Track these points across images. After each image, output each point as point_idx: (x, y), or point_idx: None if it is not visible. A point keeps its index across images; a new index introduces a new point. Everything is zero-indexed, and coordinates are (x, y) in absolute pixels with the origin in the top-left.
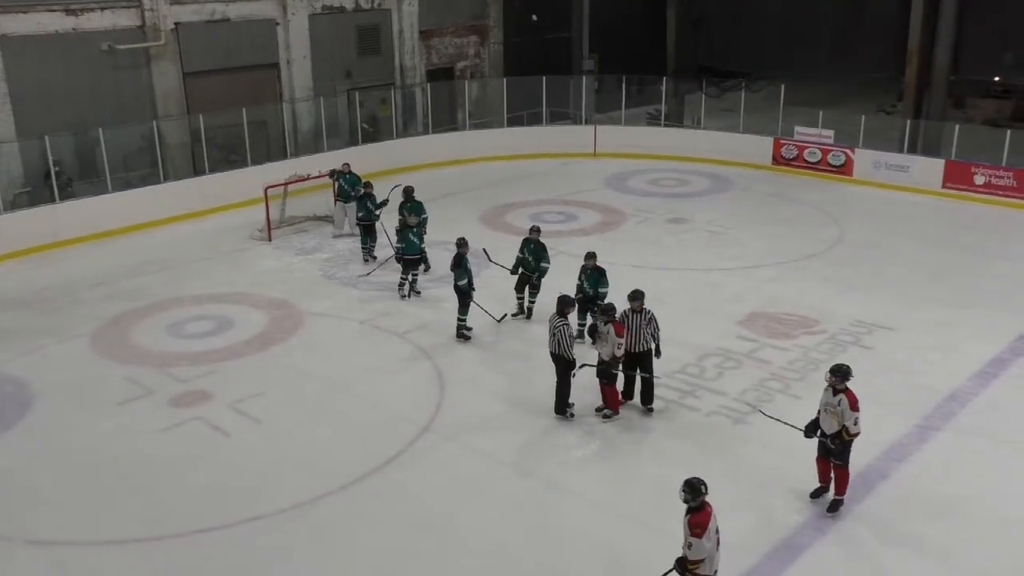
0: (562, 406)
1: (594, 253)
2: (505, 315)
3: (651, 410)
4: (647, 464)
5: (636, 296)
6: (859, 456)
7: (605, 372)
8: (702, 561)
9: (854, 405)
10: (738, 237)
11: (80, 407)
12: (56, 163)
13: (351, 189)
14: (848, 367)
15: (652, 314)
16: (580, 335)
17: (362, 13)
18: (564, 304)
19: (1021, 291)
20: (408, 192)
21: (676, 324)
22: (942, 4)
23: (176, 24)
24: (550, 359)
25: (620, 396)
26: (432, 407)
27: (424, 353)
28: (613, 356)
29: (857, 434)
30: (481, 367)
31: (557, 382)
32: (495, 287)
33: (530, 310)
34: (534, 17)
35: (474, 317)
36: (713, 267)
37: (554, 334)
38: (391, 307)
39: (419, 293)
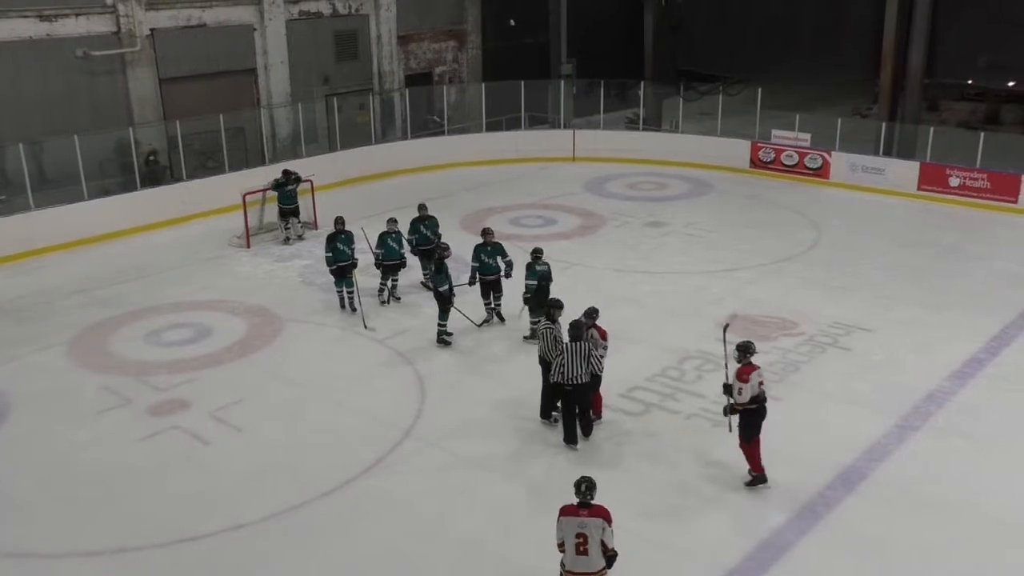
0: (547, 410)
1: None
2: (485, 320)
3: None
4: (628, 467)
5: (575, 328)
6: (839, 455)
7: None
8: (563, 549)
9: (741, 376)
10: (717, 240)
11: (57, 417)
12: (153, 152)
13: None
14: (749, 343)
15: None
16: (532, 334)
17: (340, 18)
18: (553, 308)
19: (996, 291)
20: (422, 208)
21: (655, 327)
22: (916, 8)
23: (152, 30)
24: (535, 363)
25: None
26: (413, 413)
27: (404, 359)
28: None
29: (742, 404)
30: (462, 372)
31: (543, 386)
32: (475, 291)
33: (499, 314)
34: (512, 22)
35: (453, 322)
36: (692, 270)
37: (543, 335)
38: (371, 313)
39: (399, 299)
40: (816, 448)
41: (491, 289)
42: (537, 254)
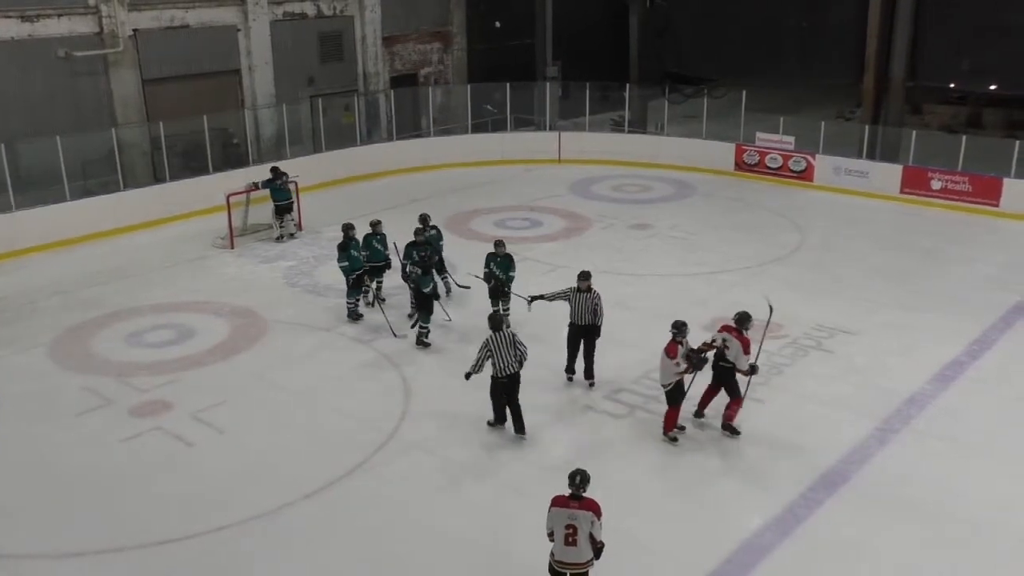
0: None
1: (502, 241)
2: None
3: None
4: (612, 468)
5: (495, 320)
6: (820, 458)
7: (671, 393)
8: (552, 538)
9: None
10: (701, 242)
11: (38, 418)
12: (233, 135)
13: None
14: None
15: (514, 332)
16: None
17: (324, 20)
18: (581, 279)
19: (977, 294)
20: (418, 233)
21: (640, 329)
22: (897, 12)
23: (135, 31)
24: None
25: (493, 421)
26: (398, 414)
27: (389, 361)
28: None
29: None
30: (446, 374)
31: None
32: (463, 295)
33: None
34: (497, 24)
35: (437, 323)
36: (676, 272)
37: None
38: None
39: (384, 300)
40: (797, 450)
41: (499, 297)
42: (500, 246)
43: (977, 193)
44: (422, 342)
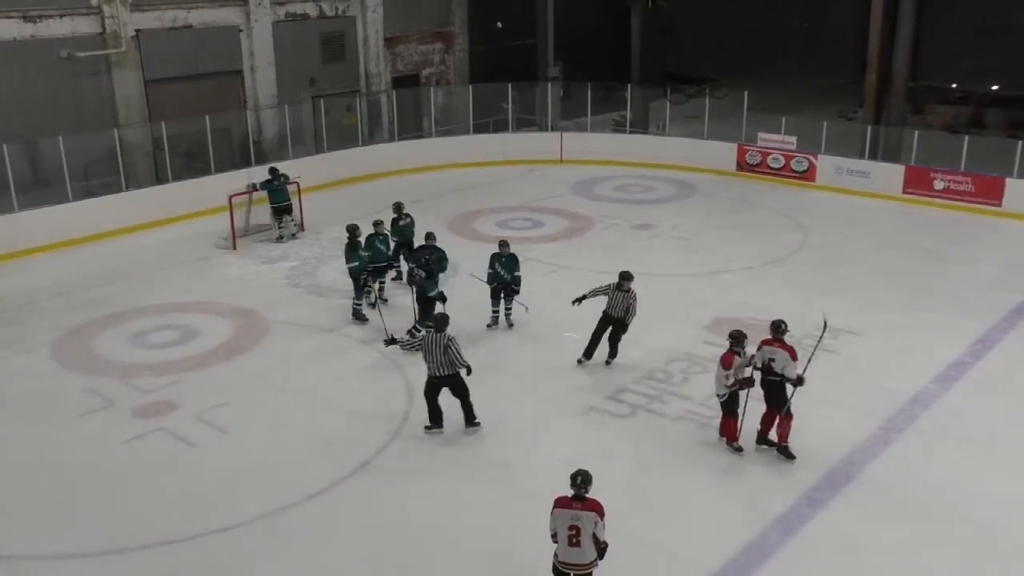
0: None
1: (507, 241)
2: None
3: (477, 424)
4: (614, 468)
5: (438, 321)
6: (824, 458)
7: (725, 403)
8: (556, 540)
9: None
10: (703, 243)
11: (41, 419)
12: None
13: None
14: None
15: (450, 338)
16: (495, 321)
17: (326, 20)
18: (623, 279)
19: (980, 294)
20: (429, 237)
21: (642, 330)
22: (900, 12)
23: (137, 31)
24: (518, 365)
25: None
26: (400, 416)
27: (392, 362)
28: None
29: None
30: None
31: (595, 329)
32: (464, 296)
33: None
34: (499, 24)
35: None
36: (679, 273)
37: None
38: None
39: (386, 301)
40: (801, 450)
41: (503, 296)
42: (505, 247)
43: (979, 193)
44: (409, 345)
